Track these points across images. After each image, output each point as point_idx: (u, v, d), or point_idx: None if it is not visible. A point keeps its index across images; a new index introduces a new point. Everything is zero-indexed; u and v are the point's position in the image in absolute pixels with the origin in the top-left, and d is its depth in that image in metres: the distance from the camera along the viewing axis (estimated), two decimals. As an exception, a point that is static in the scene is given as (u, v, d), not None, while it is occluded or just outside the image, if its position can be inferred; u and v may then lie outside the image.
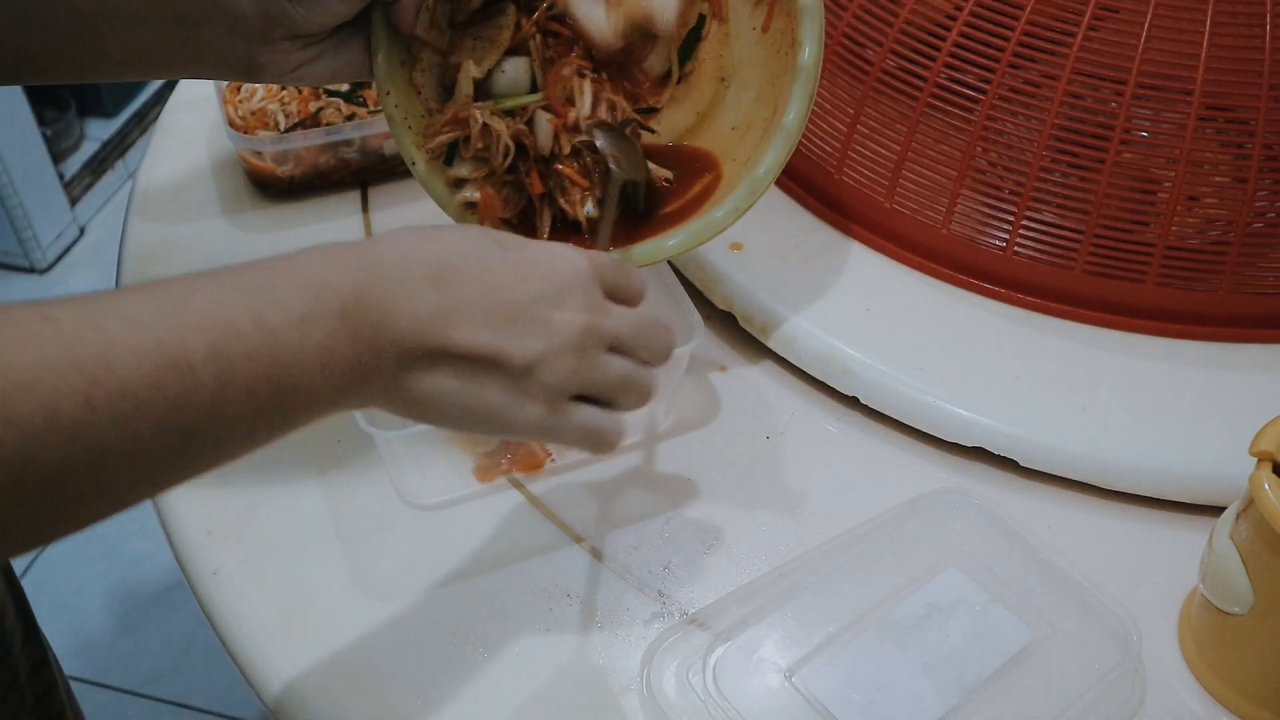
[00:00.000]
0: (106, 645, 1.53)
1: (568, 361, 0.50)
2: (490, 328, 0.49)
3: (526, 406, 0.50)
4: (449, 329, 0.48)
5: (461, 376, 0.49)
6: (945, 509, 0.66)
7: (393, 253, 0.48)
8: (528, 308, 0.50)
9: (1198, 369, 0.72)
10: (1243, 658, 0.58)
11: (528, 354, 0.49)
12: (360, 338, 0.46)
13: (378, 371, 0.47)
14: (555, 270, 0.51)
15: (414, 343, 0.48)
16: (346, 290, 0.46)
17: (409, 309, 0.47)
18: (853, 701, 0.56)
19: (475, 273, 0.49)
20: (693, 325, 0.68)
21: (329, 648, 0.60)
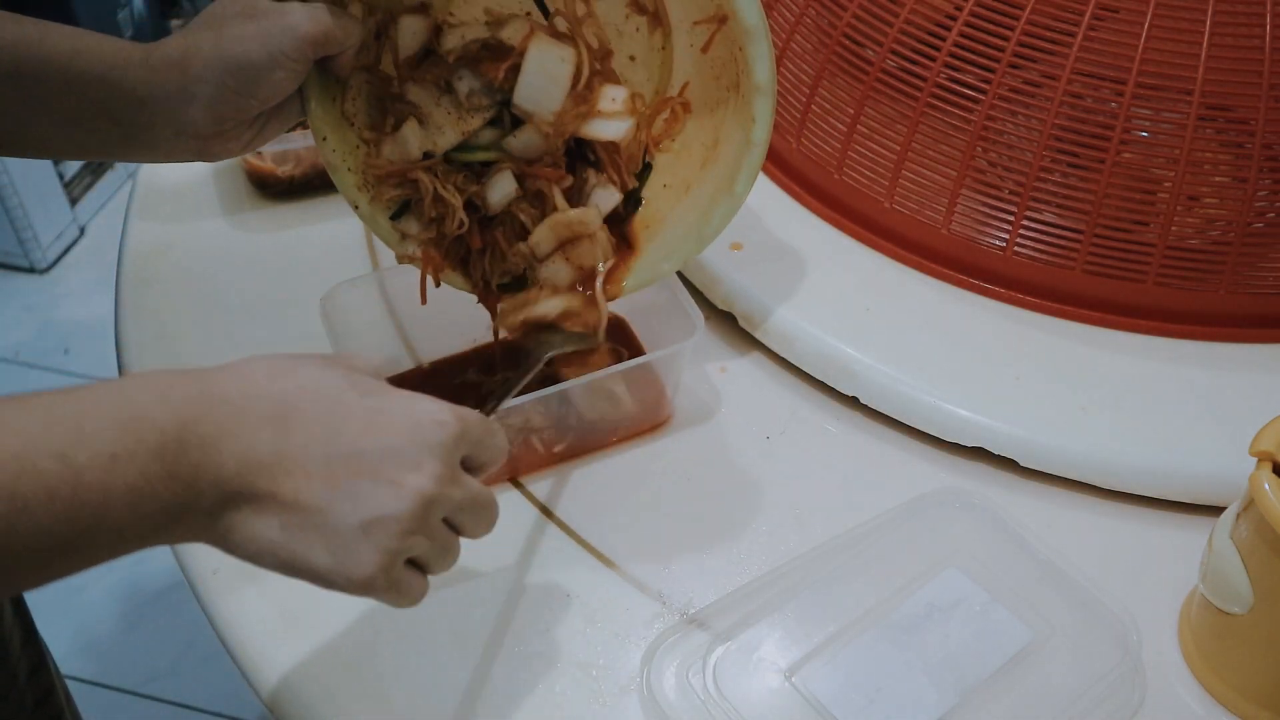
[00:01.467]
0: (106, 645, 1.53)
1: (408, 527, 0.47)
2: (327, 481, 0.45)
3: (353, 567, 0.46)
4: (281, 476, 0.45)
5: (287, 528, 0.45)
6: (945, 509, 0.66)
7: (234, 388, 0.46)
8: (374, 463, 0.46)
9: (1198, 369, 0.72)
10: (1243, 658, 0.58)
11: (365, 514, 0.46)
12: (178, 478, 0.43)
13: (194, 511, 0.44)
14: (416, 428, 0.48)
15: (239, 486, 0.44)
16: (170, 427, 0.43)
17: (238, 450, 0.44)
18: (853, 701, 0.56)
19: (322, 418, 0.46)
20: (693, 324, 0.67)
21: (329, 648, 0.60)
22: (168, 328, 0.77)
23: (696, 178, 0.68)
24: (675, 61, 0.67)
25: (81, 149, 0.64)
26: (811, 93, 0.79)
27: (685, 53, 0.66)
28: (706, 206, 0.66)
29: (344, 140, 0.66)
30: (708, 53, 0.65)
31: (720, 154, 0.67)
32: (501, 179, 0.65)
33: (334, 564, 0.46)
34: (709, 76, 0.66)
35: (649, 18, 0.66)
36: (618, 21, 0.66)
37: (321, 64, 0.62)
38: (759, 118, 0.63)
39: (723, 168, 0.66)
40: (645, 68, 0.67)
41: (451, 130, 0.64)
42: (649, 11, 0.66)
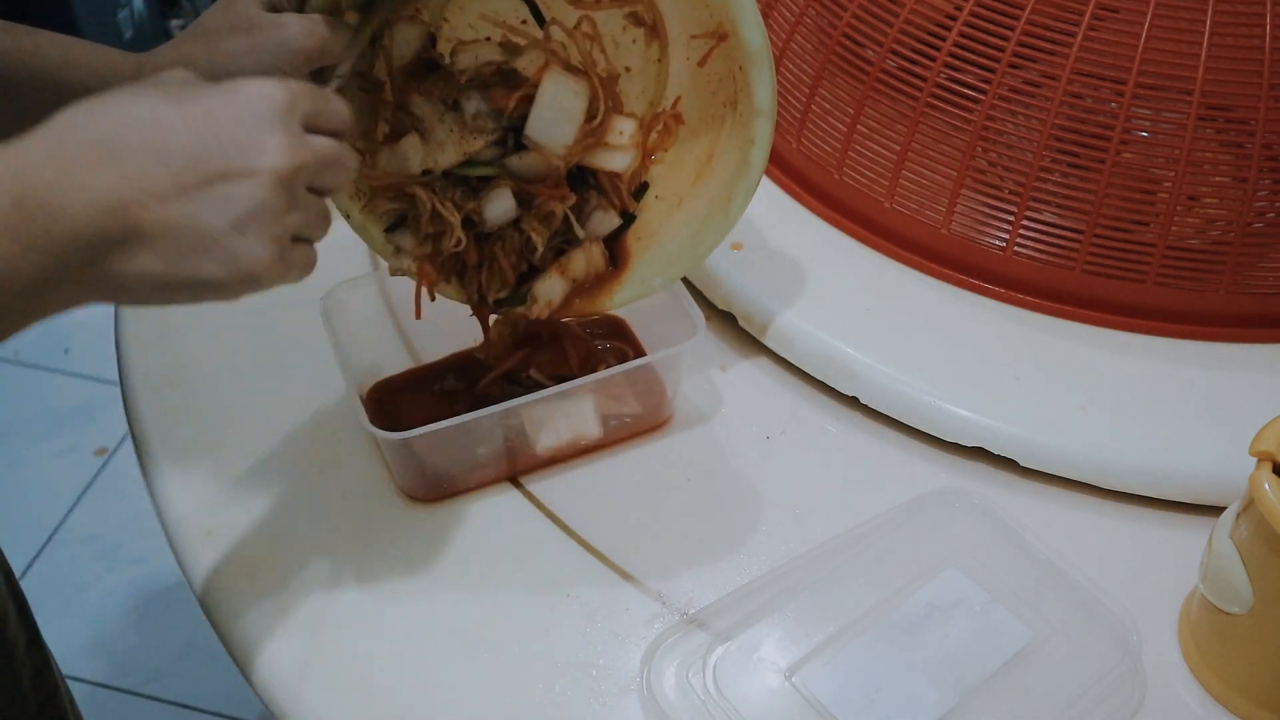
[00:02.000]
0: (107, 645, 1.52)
1: (278, 208, 0.46)
2: (181, 197, 0.44)
3: (246, 265, 0.46)
4: (135, 210, 0.44)
5: (166, 255, 0.44)
6: (945, 509, 0.66)
7: (46, 144, 0.44)
8: (220, 161, 0.45)
9: (1198, 369, 0.72)
10: (1243, 658, 0.58)
11: (233, 213, 0.45)
12: (34, 248, 0.42)
13: (64, 271, 0.43)
14: (244, 110, 0.46)
15: (97, 234, 0.43)
16: (6, 199, 0.42)
17: (81, 199, 0.43)
18: (853, 701, 0.56)
19: (149, 141, 0.44)
20: (693, 324, 0.67)
21: (329, 648, 0.60)
22: (168, 328, 0.77)
23: (690, 191, 0.68)
24: (671, 74, 0.66)
25: None
26: (811, 93, 0.79)
27: (681, 66, 0.66)
28: (700, 224, 0.66)
29: None
30: (704, 67, 0.65)
31: (715, 170, 0.66)
32: (500, 196, 0.64)
33: (228, 270, 0.46)
34: (705, 91, 0.66)
35: (646, 30, 0.66)
36: (614, 33, 0.66)
37: (315, 72, 0.62)
38: (758, 140, 0.63)
39: (718, 185, 0.66)
40: (641, 79, 0.67)
41: (453, 149, 0.64)
42: (646, 24, 0.65)
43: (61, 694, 0.81)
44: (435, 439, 0.63)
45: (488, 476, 0.68)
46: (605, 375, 0.66)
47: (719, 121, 0.66)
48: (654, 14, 0.65)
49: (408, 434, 0.62)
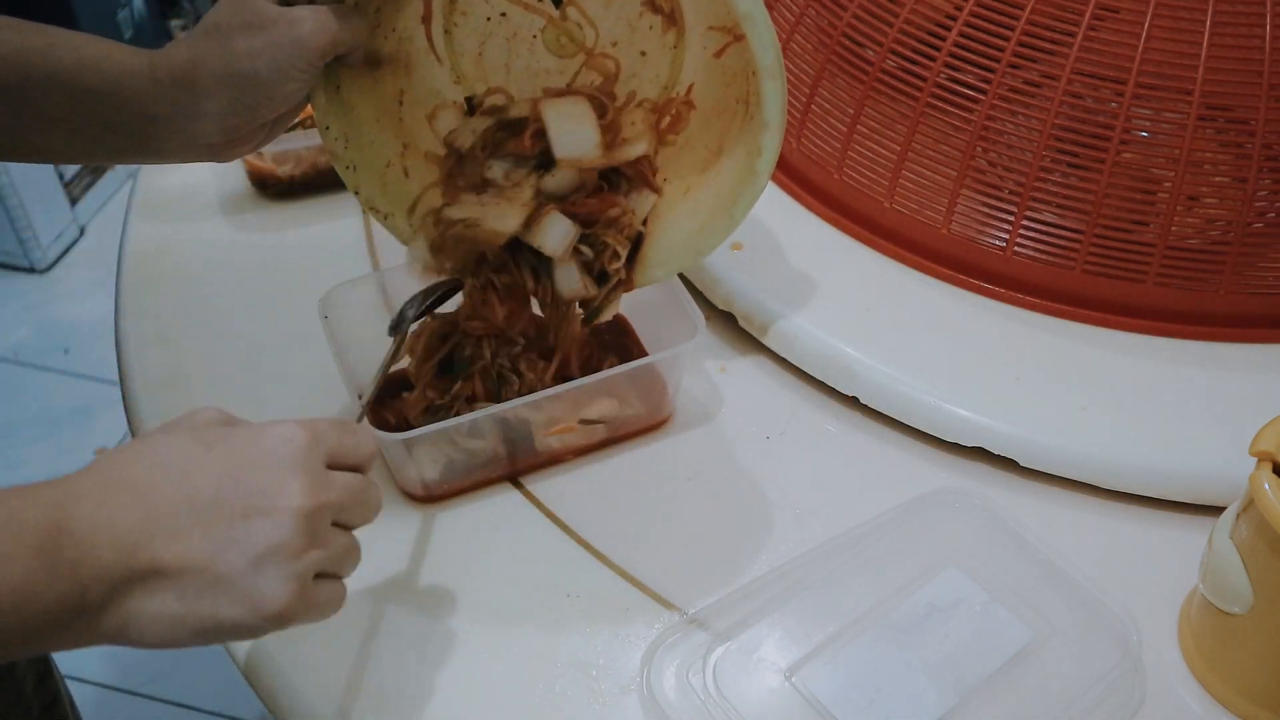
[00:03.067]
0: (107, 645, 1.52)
1: (298, 547, 0.47)
2: (204, 536, 0.45)
3: (265, 605, 0.46)
4: (158, 547, 0.44)
5: (184, 595, 0.45)
6: (945, 509, 0.66)
7: (93, 480, 0.45)
8: (241, 502, 0.46)
9: (1198, 369, 0.72)
10: (1243, 658, 0.58)
11: (252, 552, 0.45)
12: (61, 576, 0.43)
13: (81, 608, 0.44)
14: (267, 455, 0.47)
15: (121, 571, 0.44)
16: (43, 526, 0.43)
17: (109, 537, 0.44)
18: (853, 701, 0.56)
19: (177, 482, 0.46)
20: (693, 324, 0.68)
21: (329, 648, 0.60)
22: (168, 328, 0.77)
23: (696, 182, 0.68)
24: (687, 61, 0.67)
25: (88, 156, 0.64)
26: (811, 93, 0.79)
27: (698, 54, 0.67)
28: (704, 221, 0.67)
29: (348, 126, 0.67)
30: (720, 58, 0.65)
31: (723, 166, 0.67)
32: (554, 222, 0.65)
33: (246, 611, 0.46)
34: (719, 82, 0.66)
35: (664, 18, 0.66)
36: (631, 17, 0.66)
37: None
38: (765, 151, 0.63)
39: (724, 184, 0.66)
40: (655, 64, 0.67)
41: (514, 214, 0.65)
42: (664, 12, 0.66)
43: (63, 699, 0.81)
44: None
45: (488, 476, 0.68)
46: (605, 375, 0.66)
47: (730, 115, 0.66)
48: (672, 2, 0.65)
49: (408, 434, 0.62)
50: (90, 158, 0.64)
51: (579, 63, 0.68)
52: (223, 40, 0.58)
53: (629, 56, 0.68)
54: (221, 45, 0.58)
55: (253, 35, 0.58)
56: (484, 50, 0.69)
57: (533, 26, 0.68)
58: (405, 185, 0.70)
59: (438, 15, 0.67)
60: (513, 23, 0.68)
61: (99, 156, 0.63)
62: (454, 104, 0.69)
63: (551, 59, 0.69)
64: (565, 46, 0.68)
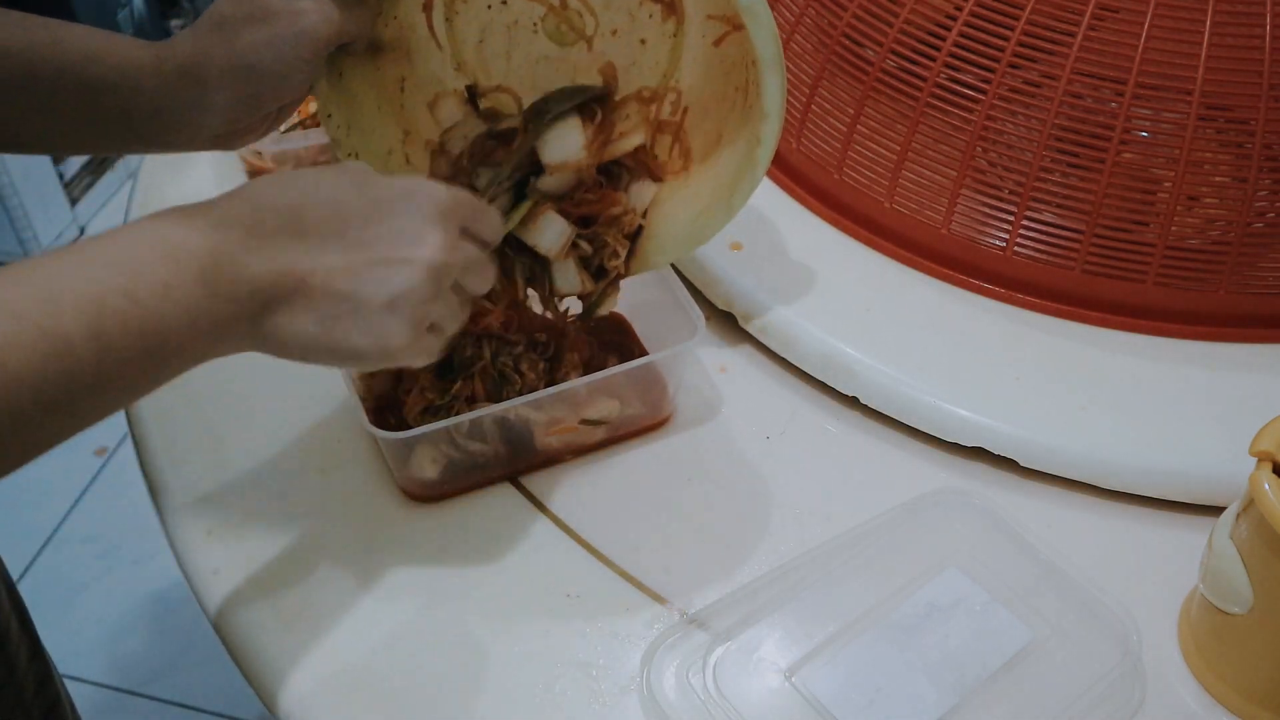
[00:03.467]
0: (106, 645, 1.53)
1: (426, 296, 0.51)
2: (348, 270, 0.50)
3: (388, 340, 0.51)
4: (306, 274, 0.49)
5: (323, 319, 0.50)
6: (945, 509, 0.66)
7: (247, 208, 0.49)
8: (385, 247, 0.51)
9: (1198, 369, 0.72)
10: (1243, 658, 0.58)
11: (388, 292, 0.50)
12: (219, 295, 0.47)
13: (239, 320, 0.49)
14: (413, 206, 0.52)
15: (271, 291, 0.49)
16: (204, 253, 0.47)
17: (264, 260, 0.49)
18: (853, 701, 0.56)
19: (329, 217, 0.50)
20: (693, 324, 0.68)
21: (329, 648, 0.60)
22: (168, 328, 0.77)
23: (696, 170, 0.68)
24: (686, 50, 0.67)
25: (93, 148, 0.65)
26: (811, 93, 0.79)
27: (697, 42, 0.67)
28: (701, 211, 0.67)
29: (351, 114, 0.67)
30: (720, 47, 0.66)
31: (722, 155, 0.67)
32: (549, 221, 0.65)
33: (372, 342, 0.51)
34: (718, 71, 0.66)
35: (663, 6, 0.66)
36: (630, 6, 0.66)
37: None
38: (764, 141, 0.63)
39: (723, 173, 0.66)
40: (654, 52, 0.67)
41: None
42: (664, 1, 0.66)
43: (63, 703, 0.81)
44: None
45: (488, 476, 0.68)
46: (605, 375, 0.66)
47: (729, 104, 0.66)
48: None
49: (408, 434, 0.62)
50: (95, 149, 0.66)
51: (580, 50, 0.68)
52: (227, 34, 0.59)
53: (629, 44, 0.68)
54: (226, 39, 0.59)
55: (257, 28, 0.59)
56: (485, 38, 0.69)
57: (533, 15, 0.68)
58: (407, 173, 0.70)
59: (439, 2, 0.67)
60: (513, 10, 0.68)
61: (104, 148, 0.65)
62: (455, 92, 0.69)
63: (552, 47, 0.69)
64: (566, 35, 0.68)
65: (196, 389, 0.73)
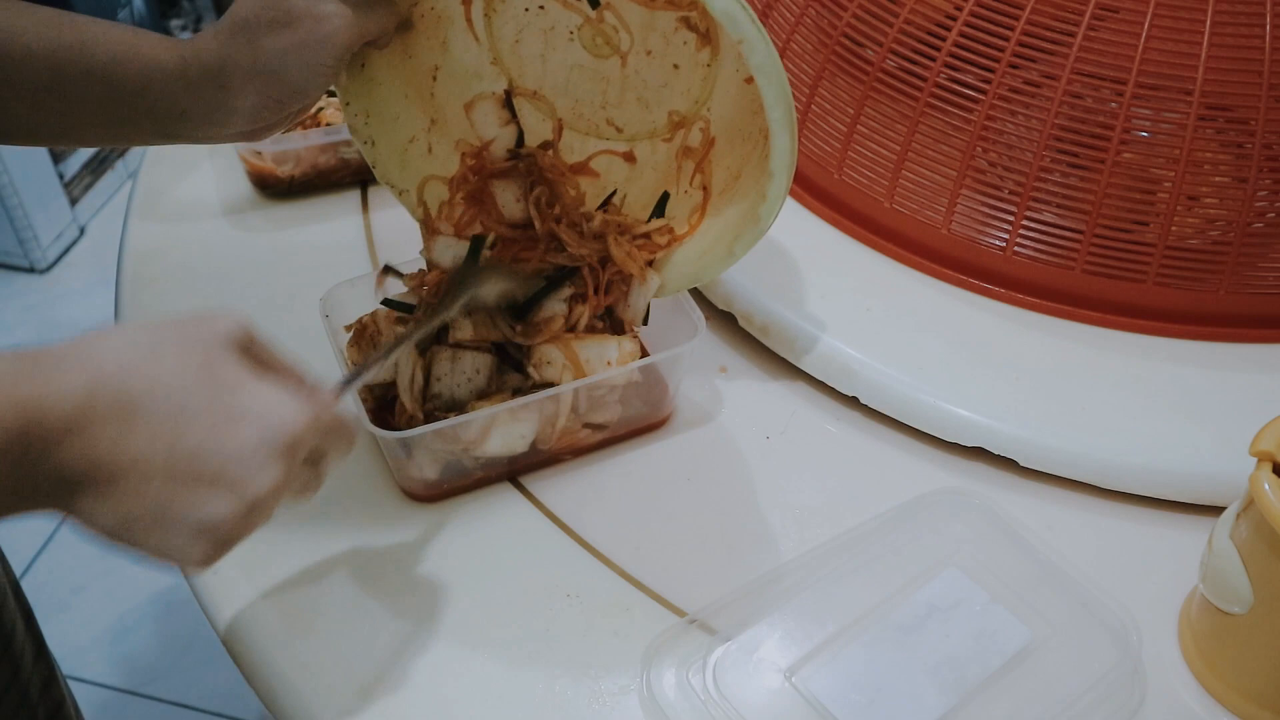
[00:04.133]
0: (106, 645, 1.53)
1: (241, 525, 0.48)
2: (167, 482, 0.45)
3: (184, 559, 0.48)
4: (120, 474, 0.45)
5: (125, 519, 0.46)
6: (945, 509, 0.66)
7: (79, 381, 0.44)
8: (216, 469, 0.46)
9: (1198, 369, 0.72)
10: (1243, 658, 0.58)
11: (201, 518, 0.46)
12: (20, 468, 0.43)
13: (36, 494, 0.45)
14: (262, 431, 0.47)
15: (80, 478, 0.45)
16: (14, 427, 0.43)
17: (80, 446, 0.44)
18: (853, 701, 0.56)
19: (167, 420, 0.45)
20: (693, 324, 0.68)
21: (329, 648, 0.60)
22: (168, 328, 0.77)
23: (713, 204, 0.68)
24: (719, 81, 0.67)
25: (118, 141, 0.65)
26: (811, 93, 0.79)
27: (730, 76, 0.67)
28: (704, 253, 0.68)
29: (371, 103, 0.68)
30: (750, 85, 0.65)
31: (736, 194, 0.67)
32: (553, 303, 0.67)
33: (166, 553, 0.47)
34: (748, 108, 0.66)
35: (699, 36, 0.66)
36: (666, 30, 0.67)
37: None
38: (770, 198, 0.63)
39: (730, 219, 0.67)
40: (687, 78, 0.68)
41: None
42: (699, 31, 0.66)
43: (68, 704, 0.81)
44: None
45: (488, 476, 0.68)
46: (604, 376, 0.66)
47: (753, 144, 0.66)
48: (707, 22, 0.66)
49: (408, 433, 0.62)
50: (119, 143, 0.65)
51: (614, 64, 0.69)
52: (251, 38, 0.58)
53: (663, 66, 0.68)
54: (250, 44, 0.58)
55: (280, 34, 0.58)
56: (521, 39, 0.70)
57: (570, 23, 0.69)
58: (427, 161, 0.70)
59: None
60: (550, 17, 0.68)
61: (128, 142, 0.65)
62: (494, 96, 0.69)
63: (586, 56, 0.69)
64: (600, 47, 0.69)
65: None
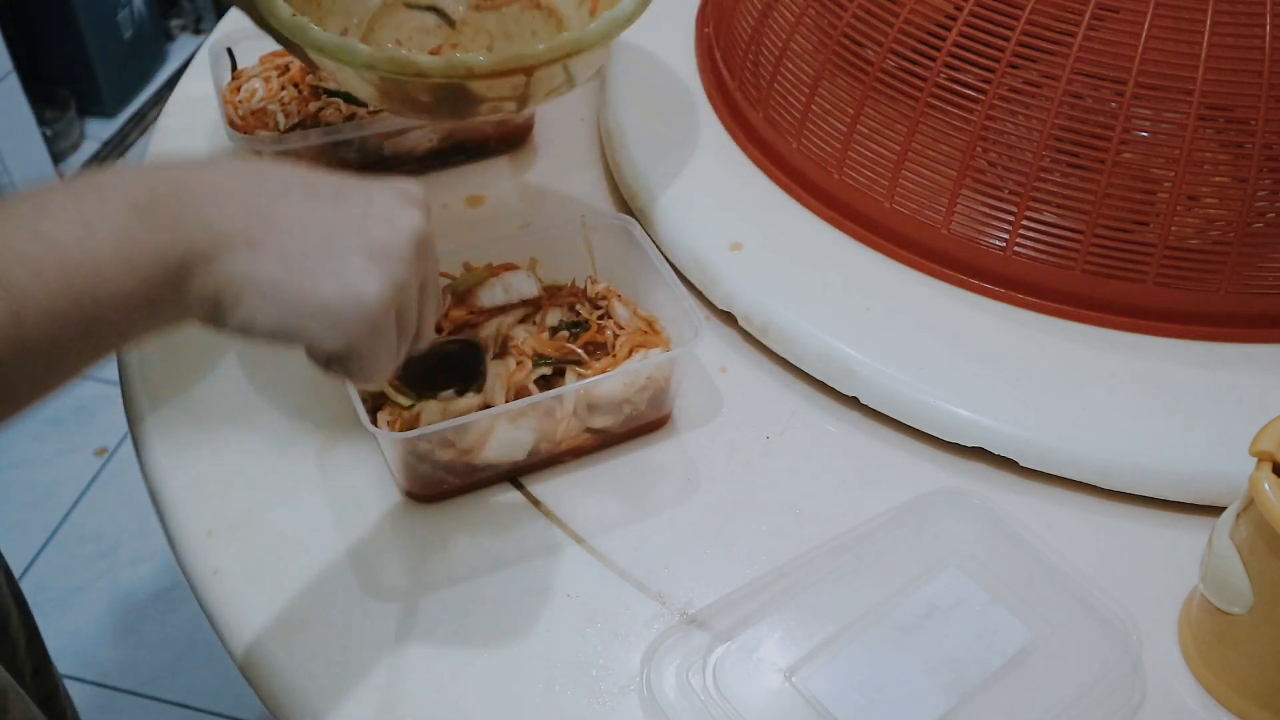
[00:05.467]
0: (106, 645, 1.53)
1: (409, 259, 0.46)
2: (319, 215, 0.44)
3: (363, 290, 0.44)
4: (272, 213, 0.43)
5: (289, 262, 0.43)
6: (945, 509, 0.66)
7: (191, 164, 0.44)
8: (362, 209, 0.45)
9: (1198, 369, 0.72)
10: (1243, 658, 0.58)
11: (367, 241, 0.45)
12: (160, 227, 0.40)
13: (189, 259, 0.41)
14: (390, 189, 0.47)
15: (226, 226, 0.42)
16: (136, 190, 0.40)
17: (218, 199, 0.42)
18: (853, 701, 0.56)
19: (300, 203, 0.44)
20: (695, 327, 0.68)
21: (329, 648, 0.60)
22: (168, 328, 0.77)
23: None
24: None
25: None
26: (811, 93, 0.79)
27: None
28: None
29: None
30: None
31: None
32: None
33: (341, 289, 0.44)
34: None
35: None
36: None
37: None
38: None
39: None
40: None
41: None
42: None
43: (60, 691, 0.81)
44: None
45: (488, 476, 0.68)
46: (605, 376, 0.66)
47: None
48: None
49: (408, 434, 0.62)
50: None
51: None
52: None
53: None
54: None
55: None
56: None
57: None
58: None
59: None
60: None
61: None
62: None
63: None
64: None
65: (196, 390, 0.73)
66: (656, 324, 0.70)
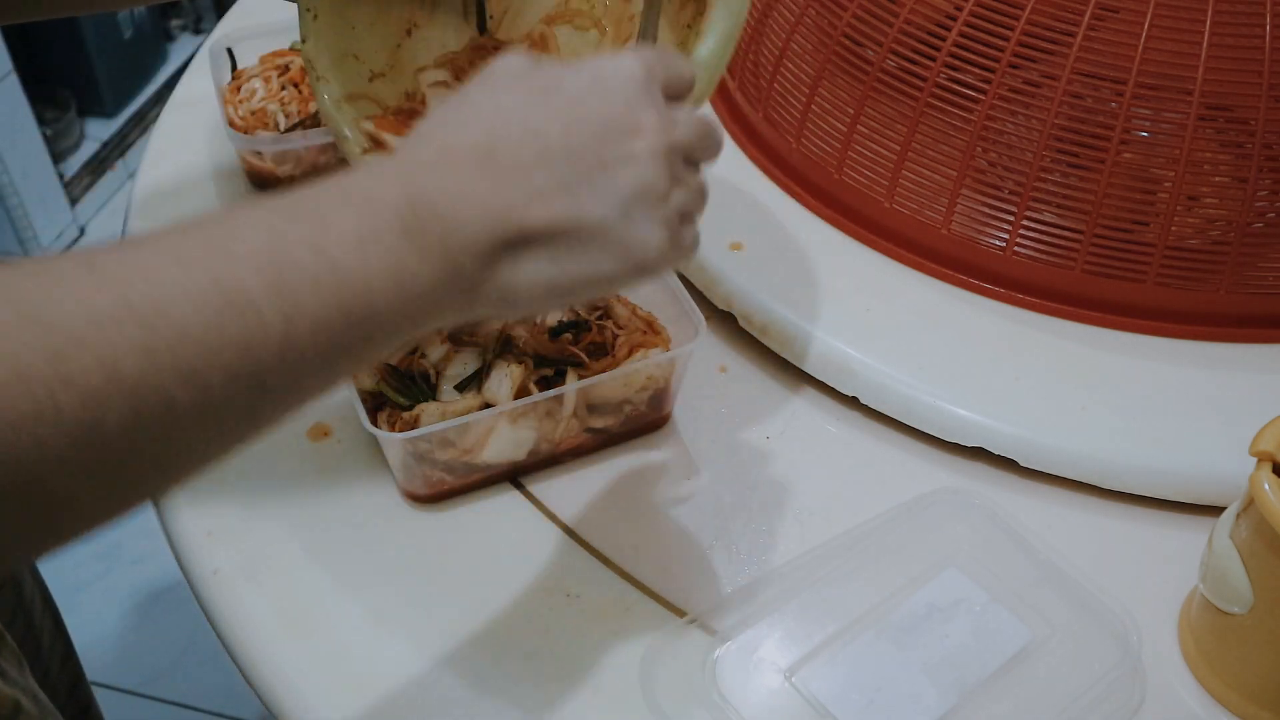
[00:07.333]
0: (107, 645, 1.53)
1: (664, 186, 0.45)
2: (564, 193, 0.43)
3: (642, 252, 0.45)
4: (520, 211, 0.42)
5: (557, 255, 0.43)
6: (945, 509, 0.66)
7: (432, 151, 0.43)
8: (595, 152, 0.43)
9: (1198, 369, 0.72)
10: (1243, 658, 0.58)
11: (619, 200, 0.44)
12: (430, 251, 0.41)
13: (458, 280, 0.42)
14: (610, 93, 0.44)
15: (489, 241, 0.42)
16: (400, 204, 0.41)
17: (469, 207, 0.42)
18: (853, 701, 0.56)
19: (524, 138, 0.43)
20: (694, 325, 0.68)
21: (329, 648, 0.60)
22: (168, 328, 0.77)
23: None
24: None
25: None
26: (811, 93, 0.79)
27: None
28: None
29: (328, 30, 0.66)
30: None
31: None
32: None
33: (619, 261, 0.44)
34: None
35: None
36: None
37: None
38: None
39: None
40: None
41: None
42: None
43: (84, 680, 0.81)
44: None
45: (488, 476, 0.68)
46: (605, 377, 0.66)
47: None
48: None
49: (408, 434, 0.62)
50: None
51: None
52: None
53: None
54: None
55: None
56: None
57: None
58: (357, 68, 0.68)
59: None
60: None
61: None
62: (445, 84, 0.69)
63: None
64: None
65: (196, 389, 0.73)
66: (656, 324, 0.70)
